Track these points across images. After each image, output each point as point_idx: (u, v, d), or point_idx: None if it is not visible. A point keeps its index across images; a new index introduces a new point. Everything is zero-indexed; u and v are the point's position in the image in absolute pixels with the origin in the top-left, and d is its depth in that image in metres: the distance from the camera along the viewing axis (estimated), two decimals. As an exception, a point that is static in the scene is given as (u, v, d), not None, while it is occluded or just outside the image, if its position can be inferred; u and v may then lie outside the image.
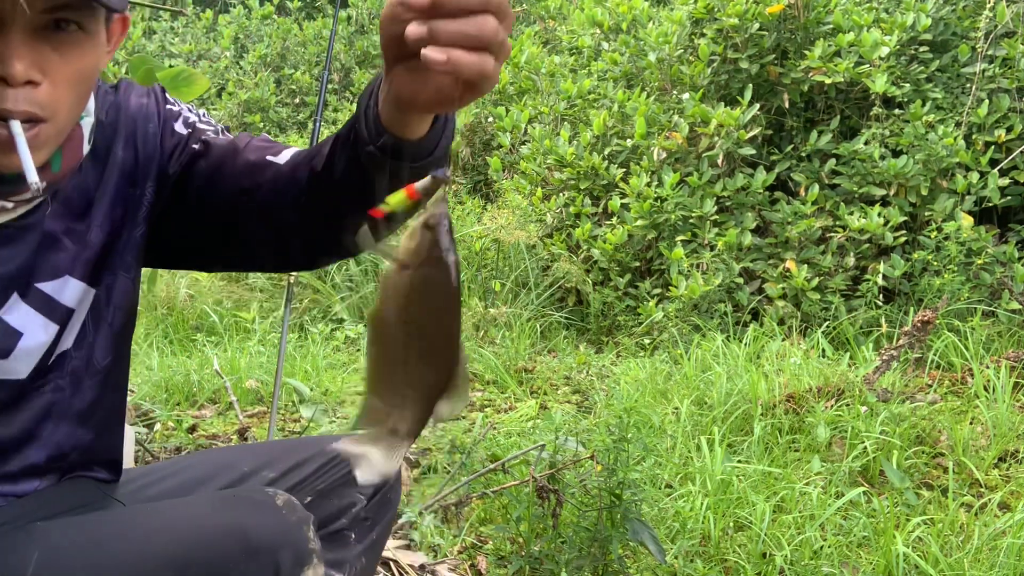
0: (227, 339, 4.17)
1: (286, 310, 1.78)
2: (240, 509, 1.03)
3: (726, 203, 4.46)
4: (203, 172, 1.13)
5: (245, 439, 3.02)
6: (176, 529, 1.01)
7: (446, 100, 0.82)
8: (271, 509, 1.03)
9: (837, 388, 3.04)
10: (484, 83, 0.77)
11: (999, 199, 4.02)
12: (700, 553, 2.24)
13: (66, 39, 0.92)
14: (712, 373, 3.30)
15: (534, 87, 5.76)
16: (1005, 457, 2.76)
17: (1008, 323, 3.70)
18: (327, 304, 4.70)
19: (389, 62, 0.83)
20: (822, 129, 4.51)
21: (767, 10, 4.55)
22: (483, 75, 0.76)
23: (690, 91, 4.79)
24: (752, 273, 4.29)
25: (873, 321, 3.91)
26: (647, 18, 5.40)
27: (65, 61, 0.93)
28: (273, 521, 1.01)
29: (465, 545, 2.27)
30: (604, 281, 4.56)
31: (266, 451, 1.34)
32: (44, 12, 0.89)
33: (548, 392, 3.61)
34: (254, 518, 1.01)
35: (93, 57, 0.97)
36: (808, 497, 2.43)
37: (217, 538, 0.98)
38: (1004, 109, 4.16)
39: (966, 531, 2.28)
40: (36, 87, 0.91)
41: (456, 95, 0.80)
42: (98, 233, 1.10)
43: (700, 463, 2.60)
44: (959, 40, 4.56)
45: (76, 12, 0.92)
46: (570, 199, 4.81)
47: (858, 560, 2.22)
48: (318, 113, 1.79)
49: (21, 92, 0.90)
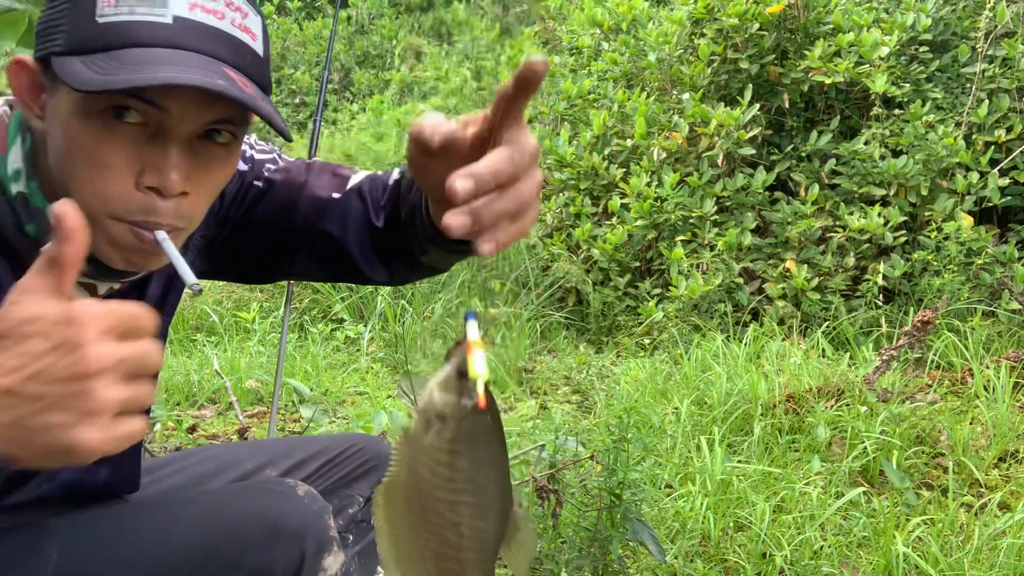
0: (227, 339, 4.17)
1: (286, 310, 1.78)
2: (265, 497, 1.04)
3: (726, 203, 4.46)
4: (267, 212, 1.11)
5: (245, 439, 3.02)
6: (201, 516, 1.02)
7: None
8: (294, 498, 1.05)
9: (837, 388, 3.04)
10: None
11: (999, 199, 4.02)
12: (700, 553, 2.24)
13: (216, 150, 0.90)
14: (712, 373, 3.30)
15: (534, 87, 5.75)
16: (1005, 457, 2.76)
17: (1008, 323, 3.70)
18: (327, 304, 4.70)
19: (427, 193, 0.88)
20: (822, 129, 4.51)
21: (767, 10, 4.55)
22: (524, 234, 0.77)
23: (690, 91, 4.79)
24: (752, 273, 4.29)
25: (873, 321, 3.91)
26: (647, 18, 5.40)
27: (209, 172, 0.90)
28: (297, 509, 1.02)
29: (465, 545, 2.27)
30: (604, 281, 4.56)
31: (267, 449, 1.34)
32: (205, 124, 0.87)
33: (548, 392, 3.61)
34: (279, 505, 1.02)
35: (232, 168, 0.94)
36: (808, 497, 2.43)
37: (244, 524, 1.00)
38: (1004, 109, 4.15)
39: (966, 531, 2.28)
40: (184, 198, 0.88)
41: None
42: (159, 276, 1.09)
43: (700, 463, 2.60)
44: (959, 40, 4.56)
45: (234, 125, 0.90)
46: (570, 199, 4.81)
47: (858, 560, 2.22)
48: (318, 113, 1.79)
49: (171, 203, 0.87)
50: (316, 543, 1.02)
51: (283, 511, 1.02)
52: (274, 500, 1.04)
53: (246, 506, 1.03)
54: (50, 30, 0.85)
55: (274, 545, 0.99)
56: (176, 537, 1.00)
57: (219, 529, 1.00)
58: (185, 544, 0.98)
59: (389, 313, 4.34)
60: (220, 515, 1.02)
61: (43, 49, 0.86)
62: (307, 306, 4.72)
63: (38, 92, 0.87)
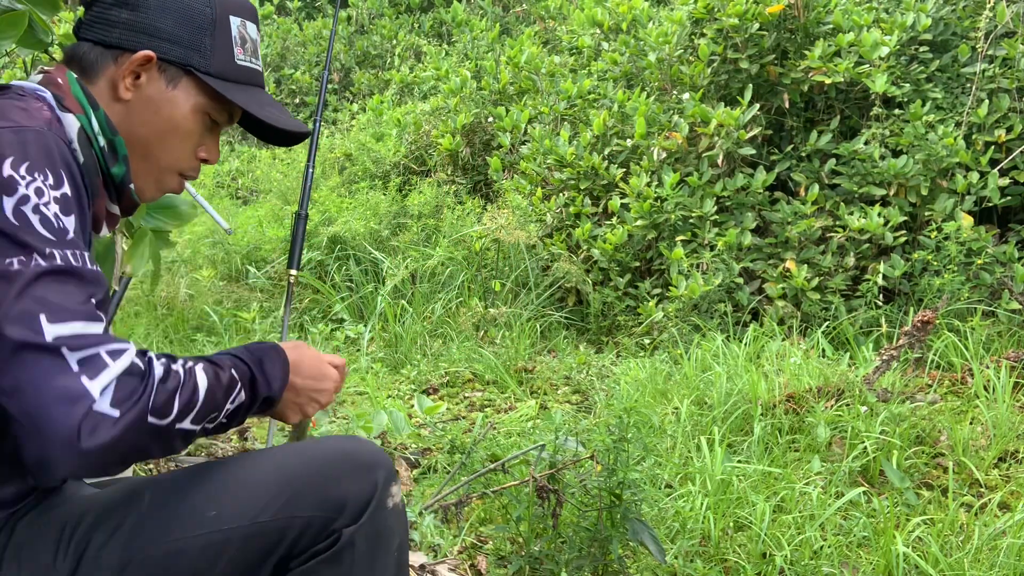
0: (227, 339, 4.17)
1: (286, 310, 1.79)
2: (344, 440, 1.30)
3: (726, 203, 4.46)
4: None
5: (245, 439, 3.02)
6: (283, 456, 1.24)
7: None
8: (368, 441, 1.31)
9: (837, 388, 3.04)
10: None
11: (999, 199, 4.02)
12: (700, 553, 2.24)
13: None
14: (712, 373, 3.30)
15: (534, 87, 5.76)
16: (1005, 457, 2.76)
17: (1008, 323, 3.70)
18: (327, 304, 4.70)
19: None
20: (822, 129, 4.51)
21: (767, 10, 4.55)
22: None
23: (690, 91, 4.79)
24: (752, 273, 4.29)
25: (873, 321, 3.91)
26: (647, 18, 5.40)
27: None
28: (373, 448, 1.28)
29: (465, 545, 2.27)
30: (604, 281, 4.56)
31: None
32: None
33: (548, 392, 3.61)
34: (357, 444, 1.28)
35: None
36: (808, 497, 2.43)
37: (327, 457, 1.23)
38: (1004, 109, 4.15)
39: (966, 531, 2.28)
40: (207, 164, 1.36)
41: None
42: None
43: (700, 463, 2.60)
44: (959, 40, 4.56)
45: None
46: (570, 199, 4.81)
47: (858, 560, 2.22)
48: (318, 113, 1.79)
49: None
50: (386, 474, 1.25)
51: (361, 449, 1.26)
52: (353, 441, 1.29)
53: (329, 445, 1.27)
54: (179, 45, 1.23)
55: (353, 473, 1.22)
56: (261, 471, 1.20)
57: (304, 461, 1.22)
58: (268, 477, 1.19)
59: (389, 313, 4.34)
60: (304, 453, 1.24)
61: (182, 58, 1.23)
62: (307, 306, 4.72)
63: (135, 76, 1.23)
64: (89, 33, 1.24)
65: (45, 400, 0.97)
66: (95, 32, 1.24)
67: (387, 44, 8.23)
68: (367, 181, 5.82)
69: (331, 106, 7.74)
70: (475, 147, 5.79)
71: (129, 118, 1.24)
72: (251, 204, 6.40)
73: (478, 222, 4.90)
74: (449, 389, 3.68)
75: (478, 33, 7.30)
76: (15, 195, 1.02)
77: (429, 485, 2.62)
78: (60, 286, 1.01)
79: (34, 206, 1.03)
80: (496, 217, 4.75)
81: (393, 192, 5.55)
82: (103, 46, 1.23)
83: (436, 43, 7.92)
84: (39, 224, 1.02)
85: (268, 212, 5.68)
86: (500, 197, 5.14)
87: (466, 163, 5.77)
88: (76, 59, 1.24)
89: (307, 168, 1.79)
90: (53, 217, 1.04)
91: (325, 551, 1.19)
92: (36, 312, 0.99)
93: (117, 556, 1.12)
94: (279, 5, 9.18)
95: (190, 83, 1.25)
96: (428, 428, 3.05)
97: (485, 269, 4.71)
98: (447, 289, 4.59)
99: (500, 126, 5.48)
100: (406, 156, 6.00)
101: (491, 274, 4.67)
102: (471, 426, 3.13)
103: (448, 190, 5.47)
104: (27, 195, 1.03)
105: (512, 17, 7.92)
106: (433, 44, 7.79)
